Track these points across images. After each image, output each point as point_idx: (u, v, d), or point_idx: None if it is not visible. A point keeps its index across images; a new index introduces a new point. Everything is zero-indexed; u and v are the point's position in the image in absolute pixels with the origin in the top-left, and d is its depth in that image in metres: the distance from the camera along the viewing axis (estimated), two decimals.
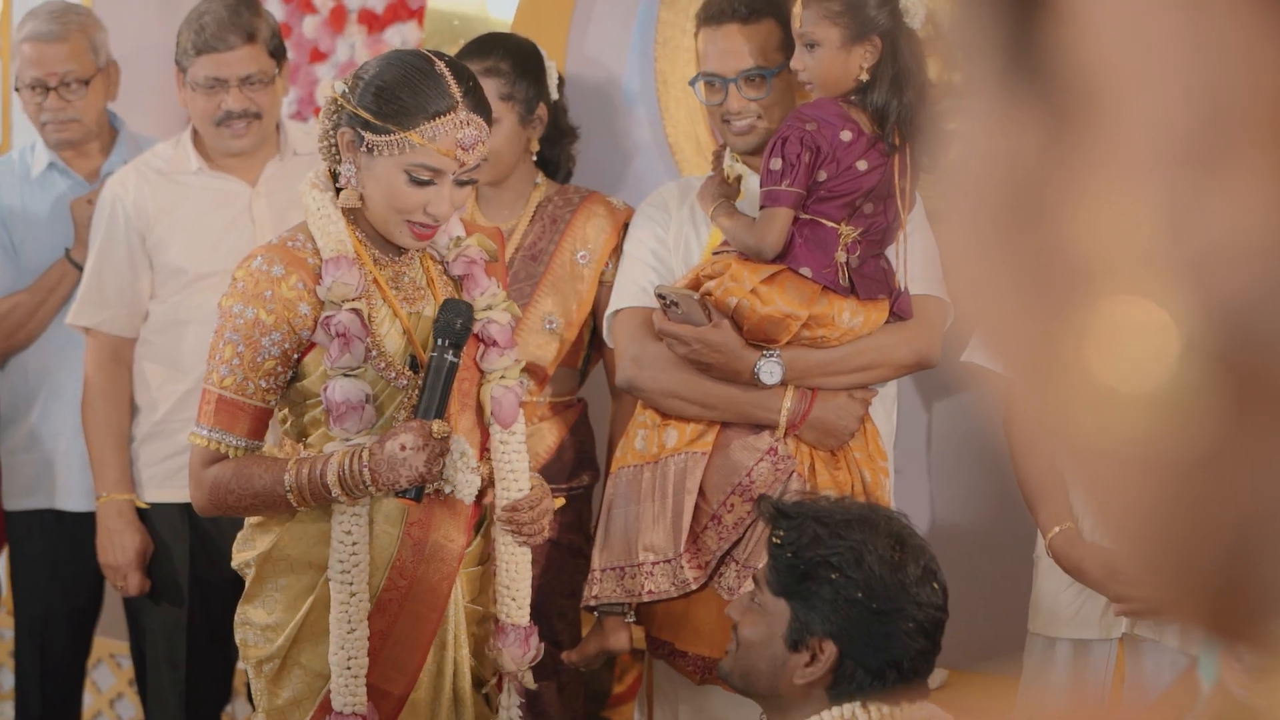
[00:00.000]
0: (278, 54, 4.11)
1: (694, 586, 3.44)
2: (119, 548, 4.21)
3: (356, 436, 3.00)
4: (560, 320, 3.83)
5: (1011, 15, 0.58)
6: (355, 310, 3.00)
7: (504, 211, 3.92)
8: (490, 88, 3.71)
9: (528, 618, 3.21)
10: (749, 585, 3.32)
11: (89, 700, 4.97)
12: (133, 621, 4.44)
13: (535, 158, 3.93)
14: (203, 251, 4.14)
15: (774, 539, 2.74)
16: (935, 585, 2.69)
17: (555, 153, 3.99)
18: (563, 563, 3.75)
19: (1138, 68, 0.54)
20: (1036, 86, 0.57)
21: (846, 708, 2.64)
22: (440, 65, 2.99)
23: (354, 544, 3.03)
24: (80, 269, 4.32)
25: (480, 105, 3.01)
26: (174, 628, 4.27)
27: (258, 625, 3.16)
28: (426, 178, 2.96)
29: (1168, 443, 0.55)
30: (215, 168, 4.20)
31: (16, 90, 4.44)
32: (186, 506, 4.10)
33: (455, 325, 2.98)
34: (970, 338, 3.53)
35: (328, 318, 2.99)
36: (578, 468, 3.87)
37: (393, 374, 3.04)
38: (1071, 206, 0.56)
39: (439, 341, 2.97)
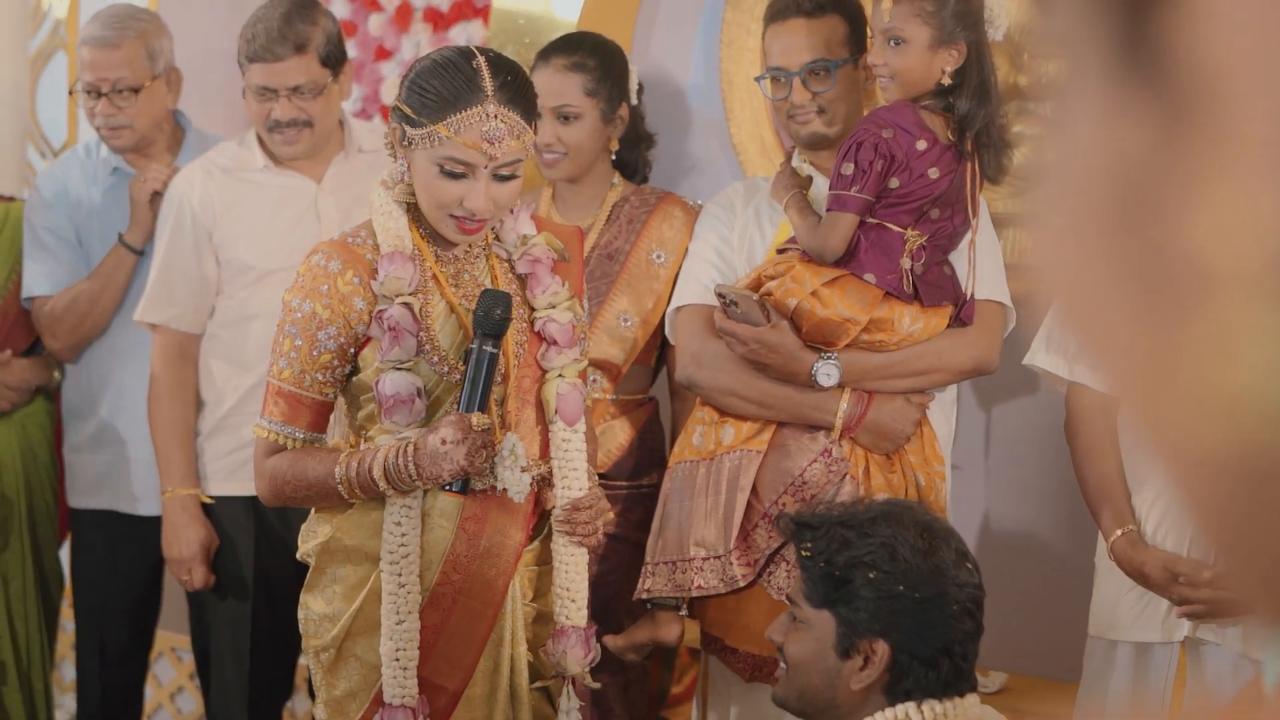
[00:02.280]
0: (332, 61, 4.13)
1: (742, 583, 3.48)
2: (184, 542, 4.26)
3: (406, 430, 3.06)
4: (635, 319, 3.89)
5: (1123, 7, 0.57)
6: (407, 304, 3.06)
7: (580, 210, 3.99)
8: (575, 83, 3.80)
9: (585, 619, 3.24)
10: (789, 582, 3.35)
11: (149, 693, 5.03)
12: (195, 615, 4.49)
13: (614, 158, 3.97)
14: (268, 248, 4.19)
15: (802, 552, 2.75)
16: (970, 565, 2.72)
17: (633, 156, 4.07)
18: (632, 560, 3.78)
19: (1264, 63, 0.53)
20: (1150, 82, 0.56)
21: (900, 709, 2.66)
22: (479, 59, 3.03)
23: (404, 535, 3.08)
24: (134, 252, 4.38)
25: (516, 100, 3.02)
26: (238, 621, 4.33)
27: (316, 615, 3.22)
28: (459, 171, 3.01)
29: None
30: (281, 165, 4.24)
31: (71, 93, 4.48)
32: (252, 500, 4.17)
33: (493, 315, 3.00)
34: (1034, 341, 3.55)
35: (380, 312, 3.06)
36: (647, 466, 3.90)
37: (446, 368, 3.10)
38: (1191, 209, 0.54)
39: (477, 332, 3.01)
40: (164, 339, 4.27)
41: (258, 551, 4.28)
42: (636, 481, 3.89)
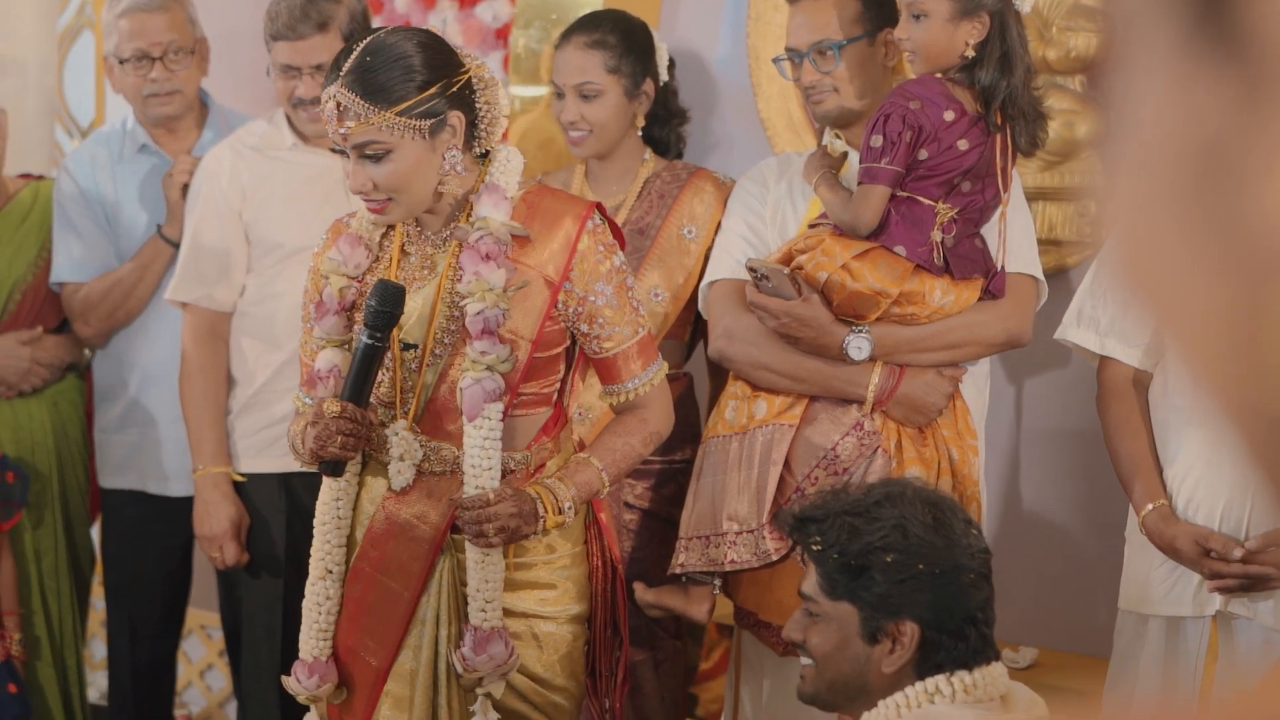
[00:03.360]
0: (356, 38, 4.13)
1: (775, 557, 3.49)
2: (215, 519, 4.29)
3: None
4: (666, 294, 3.91)
5: None
6: (342, 286, 3.18)
7: (612, 186, 4.01)
8: (596, 60, 3.83)
9: (491, 621, 3.15)
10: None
11: (180, 671, 5.06)
12: (226, 593, 4.52)
13: (641, 133, 3.99)
14: (298, 225, 4.20)
15: (812, 546, 2.76)
16: (975, 530, 2.75)
17: (665, 133, 4.09)
18: (666, 537, 3.79)
19: None
20: (1228, 53, 0.55)
21: (930, 682, 2.67)
22: (357, 44, 3.12)
23: (334, 500, 3.23)
24: (173, 245, 4.41)
25: (355, 84, 3.04)
26: (271, 599, 4.34)
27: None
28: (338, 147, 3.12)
29: None
30: (310, 143, 4.26)
31: (119, 62, 4.44)
32: (283, 477, 4.20)
33: (373, 305, 3.06)
34: (1066, 316, 3.55)
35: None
36: (680, 441, 3.90)
37: None
38: (1269, 180, 0.54)
39: (364, 323, 3.08)
40: (194, 318, 4.29)
41: (289, 529, 4.29)
42: (670, 456, 3.90)
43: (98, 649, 5.45)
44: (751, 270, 3.49)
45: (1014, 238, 3.54)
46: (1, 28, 5.69)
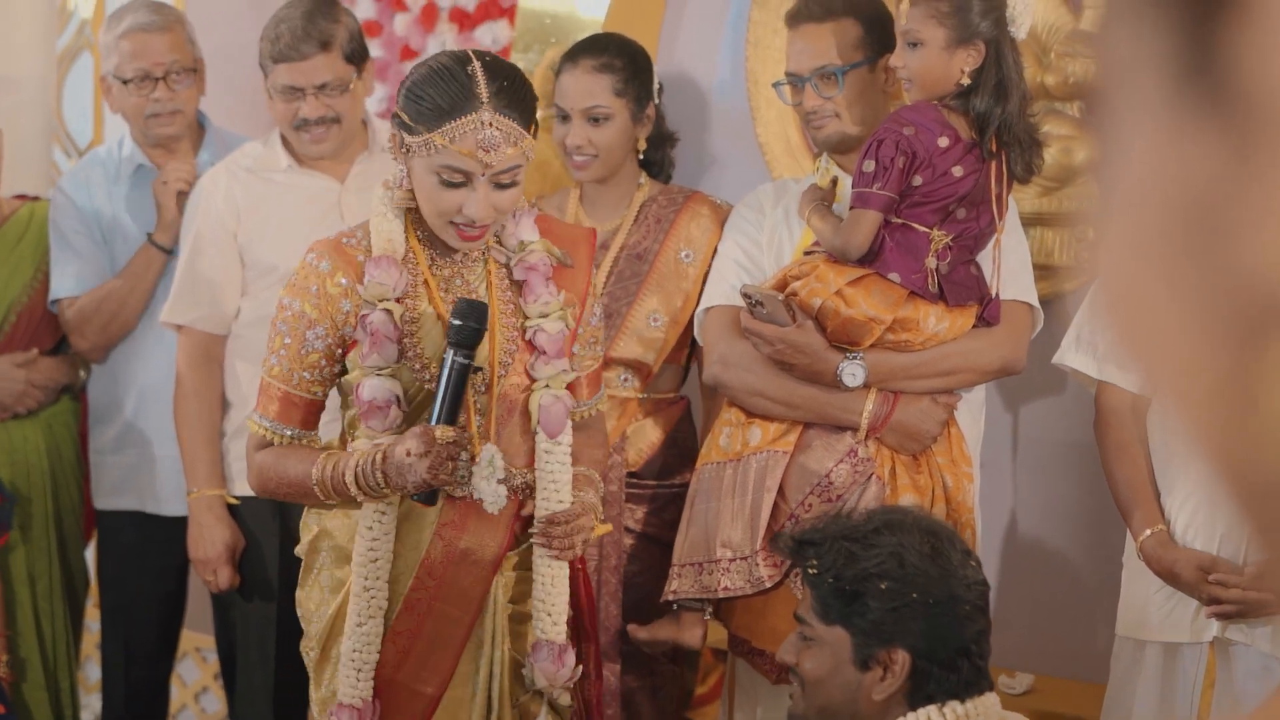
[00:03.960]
0: (356, 58, 4.15)
1: (768, 585, 3.50)
2: (209, 542, 4.28)
3: (381, 435, 3.07)
4: (665, 318, 3.90)
5: (1190, 28, 0.55)
6: (388, 310, 3.06)
7: (608, 211, 4.01)
8: (604, 84, 3.81)
9: (563, 635, 3.23)
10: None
11: (174, 693, 5.05)
12: (220, 615, 4.52)
13: (641, 157, 3.98)
14: (293, 248, 4.16)
15: (809, 570, 2.76)
16: (974, 562, 2.74)
17: (658, 155, 4.07)
18: (663, 560, 3.79)
19: None
20: (1217, 104, 0.55)
21: (922, 712, 2.68)
22: (474, 65, 3.00)
23: (374, 539, 3.11)
24: (164, 251, 4.41)
25: (512, 106, 2.99)
26: (264, 622, 4.34)
27: (303, 611, 3.29)
28: (457, 180, 3.00)
29: None
30: (305, 165, 4.26)
31: (122, 83, 4.43)
32: (278, 501, 4.18)
33: (467, 326, 3.00)
34: (1064, 341, 3.55)
35: (363, 316, 3.07)
36: (678, 465, 3.91)
37: (428, 376, 3.11)
38: (1259, 233, 0.54)
39: (449, 342, 3.01)
40: (189, 340, 4.29)
41: (283, 552, 4.28)
42: (668, 481, 3.90)
43: (92, 671, 5.44)
44: (746, 296, 3.50)
45: (1009, 265, 3.55)
46: (0, 47, 5.69)
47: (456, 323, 2.99)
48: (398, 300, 3.08)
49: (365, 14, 4.87)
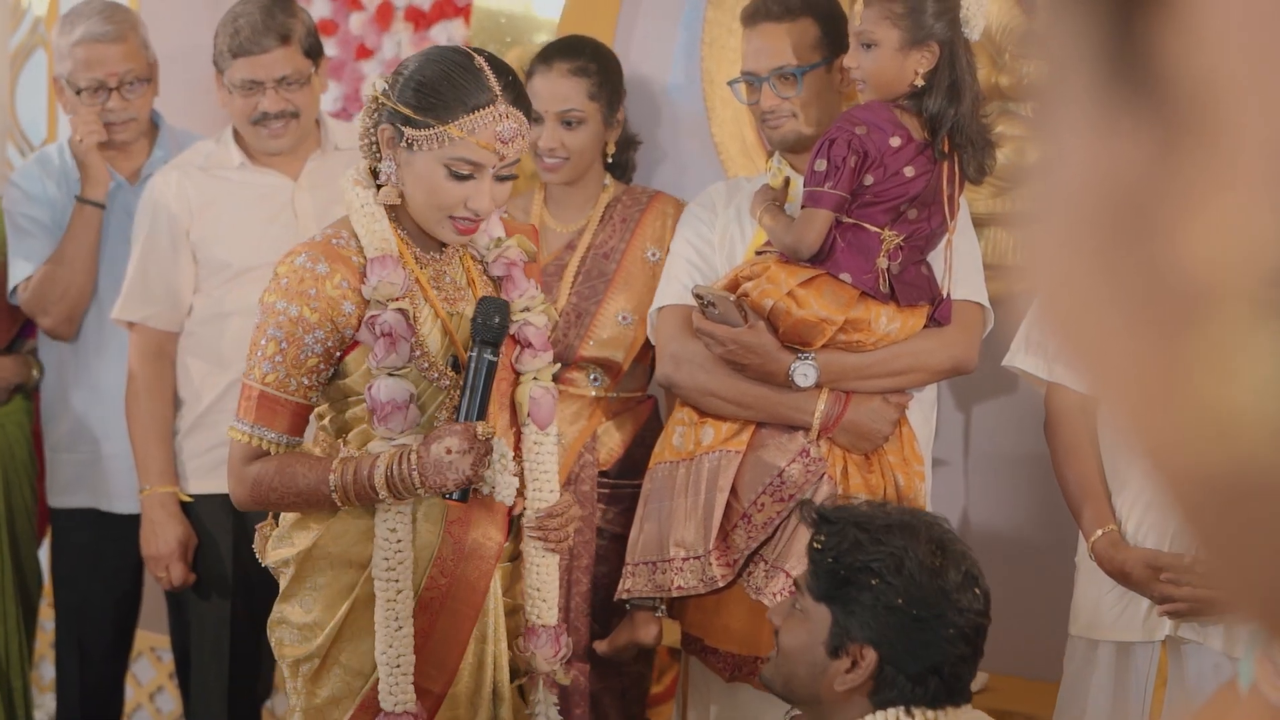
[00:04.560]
0: (313, 53, 4.17)
1: (721, 584, 3.50)
2: (162, 539, 4.28)
3: (400, 436, 3.06)
4: (634, 316, 3.93)
5: (1117, 22, 0.56)
6: (401, 310, 3.06)
7: (574, 212, 4.03)
8: (579, 87, 3.83)
9: (556, 618, 3.29)
10: (778, 581, 3.37)
11: (129, 694, 5.03)
12: (175, 614, 4.51)
13: (609, 160, 4.00)
14: (246, 246, 4.20)
15: (814, 544, 2.78)
16: (977, 591, 2.72)
17: (623, 157, 4.08)
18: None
19: (1259, 79, 0.52)
20: (1144, 96, 0.55)
21: (890, 712, 2.68)
22: (479, 60, 3.04)
23: (398, 542, 3.09)
24: (97, 206, 4.42)
25: (520, 100, 3.05)
26: (219, 621, 4.35)
27: (295, 624, 3.21)
28: (466, 172, 3.02)
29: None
30: (258, 163, 4.27)
31: (76, 92, 4.42)
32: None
33: (493, 323, 3.03)
34: (1014, 343, 3.56)
35: (373, 317, 3.05)
36: (646, 463, 3.90)
37: (435, 374, 3.10)
38: (1187, 224, 0.54)
39: (476, 340, 3.03)
40: (141, 337, 4.29)
41: (237, 550, 4.28)
42: (636, 480, 3.89)
43: (47, 671, 5.42)
44: (698, 297, 3.50)
45: (960, 265, 3.56)
46: None
47: (481, 321, 3.02)
48: (403, 299, 3.09)
49: (321, 13, 4.86)
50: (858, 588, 2.69)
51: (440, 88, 3.01)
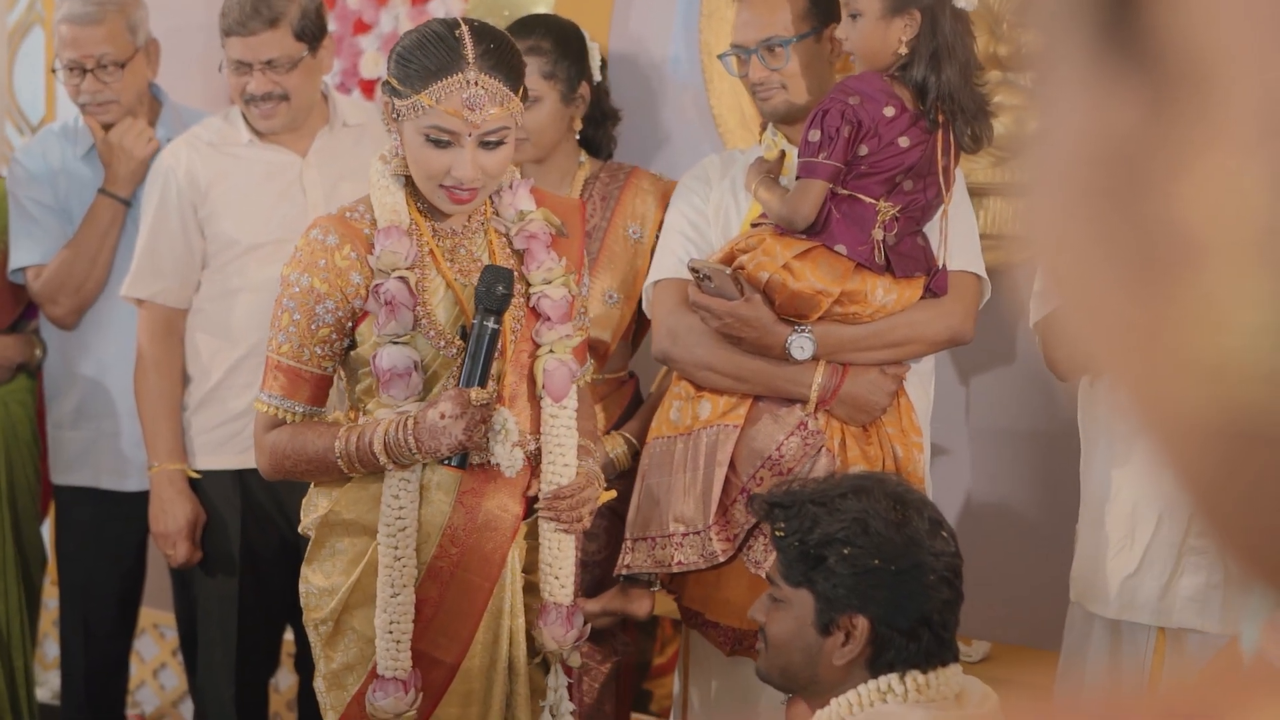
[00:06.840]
0: (308, 34, 4.17)
1: (722, 559, 3.53)
2: (170, 516, 4.31)
3: (404, 404, 3.13)
4: (620, 295, 3.94)
5: None
6: (403, 278, 3.12)
7: (549, 190, 3.99)
8: (532, 66, 3.81)
9: (571, 597, 3.30)
10: (767, 557, 3.38)
11: (133, 670, 5.07)
12: (181, 591, 4.55)
13: (579, 137, 3.99)
14: (255, 222, 4.23)
15: (776, 532, 2.81)
16: (944, 534, 2.77)
17: (599, 134, 4.10)
18: (621, 537, 3.81)
19: (1248, 40, 0.53)
20: (1135, 59, 0.56)
21: (883, 680, 2.72)
22: (462, 29, 3.09)
23: (401, 509, 3.15)
24: (123, 202, 4.42)
25: (499, 68, 3.07)
26: (225, 597, 4.38)
27: (316, 588, 3.29)
28: (444, 139, 3.07)
29: (1275, 419, 0.54)
30: (266, 140, 4.29)
31: (53, 71, 4.50)
32: (238, 474, 4.23)
33: (496, 291, 3.06)
34: (1031, 304, 3.55)
35: (377, 285, 3.12)
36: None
37: (443, 343, 3.16)
38: (1177, 183, 0.55)
39: (479, 308, 3.07)
40: (150, 314, 4.32)
41: (244, 526, 4.33)
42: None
43: (50, 649, 5.46)
44: (694, 271, 3.52)
45: (956, 235, 3.57)
46: None
47: (484, 289, 3.06)
48: (409, 269, 3.14)
49: None
50: (831, 561, 2.71)
51: (414, 56, 3.07)
